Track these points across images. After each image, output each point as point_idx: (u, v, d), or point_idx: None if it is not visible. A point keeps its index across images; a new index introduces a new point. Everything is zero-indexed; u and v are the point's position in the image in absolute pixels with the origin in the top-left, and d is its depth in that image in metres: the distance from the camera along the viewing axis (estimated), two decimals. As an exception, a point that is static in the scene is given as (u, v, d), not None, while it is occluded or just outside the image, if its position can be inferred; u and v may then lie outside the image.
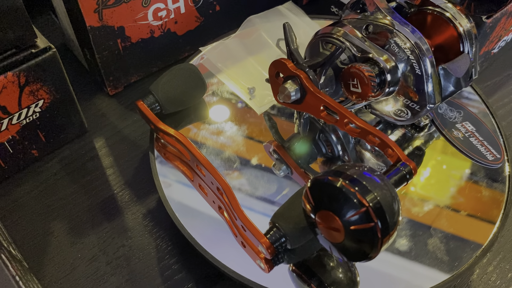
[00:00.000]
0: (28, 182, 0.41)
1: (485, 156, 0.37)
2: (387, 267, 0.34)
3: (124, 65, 0.45)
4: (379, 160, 0.39)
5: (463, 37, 0.35)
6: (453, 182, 0.37)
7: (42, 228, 0.38)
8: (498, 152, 0.37)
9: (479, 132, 0.38)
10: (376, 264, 0.31)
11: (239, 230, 0.32)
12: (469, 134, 0.38)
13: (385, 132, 0.40)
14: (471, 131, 0.38)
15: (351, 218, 0.25)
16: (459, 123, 0.39)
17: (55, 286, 0.35)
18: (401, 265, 0.34)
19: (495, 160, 0.37)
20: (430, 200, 0.36)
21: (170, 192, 0.35)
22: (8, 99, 0.36)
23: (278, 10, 0.46)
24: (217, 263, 0.32)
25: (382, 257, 0.32)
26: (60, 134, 0.42)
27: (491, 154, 0.37)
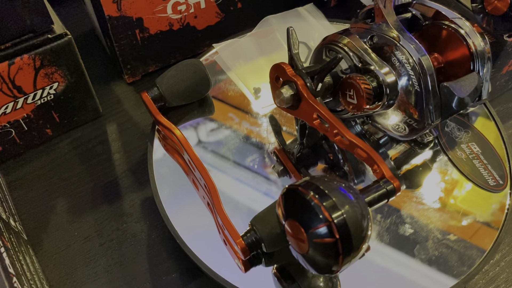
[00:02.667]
0: (40, 159, 0.43)
1: (487, 181, 0.35)
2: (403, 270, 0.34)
3: (142, 55, 0.46)
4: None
5: (474, 56, 0.34)
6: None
7: (46, 204, 0.40)
8: (501, 178, 0.36)
9: (485, 155, 0.37)
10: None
11: (221, 228, 0.33)
12: (473, 156, 0.37)
13: (388, 146, 0.39)
14: (476, 153, 0.37)
15: (314, 230, 0.25)
16: (464, 144, 0.38)
17: (49, 260, 0.37)
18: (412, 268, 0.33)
19: (497, 186, 0.35)
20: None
21: (163, 184, 0.36)
22: (23, 80, 0.38)
23: (297, 11, 0.46)
24: (194, 258, 0.33)
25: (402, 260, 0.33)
26: (74, 116, 0.44)
27: (494, 179, 0.35)
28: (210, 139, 0.40)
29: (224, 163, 0.39)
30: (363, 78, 0.32)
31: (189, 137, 0.39)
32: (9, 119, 0.40)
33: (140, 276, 0.37)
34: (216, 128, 0.40)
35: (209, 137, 0.40)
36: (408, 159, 0.39)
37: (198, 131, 0.40)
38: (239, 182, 0.38)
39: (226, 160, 0.39)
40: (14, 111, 0.39)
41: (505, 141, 0.38)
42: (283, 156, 0.39)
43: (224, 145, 0.39)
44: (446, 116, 0.33)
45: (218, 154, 0.39)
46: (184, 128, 0.40)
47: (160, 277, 0.37)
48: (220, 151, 0.39)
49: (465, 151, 0.37)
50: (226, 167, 0.38)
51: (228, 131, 0.40)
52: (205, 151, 0.39)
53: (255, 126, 0.40)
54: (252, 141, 0.40)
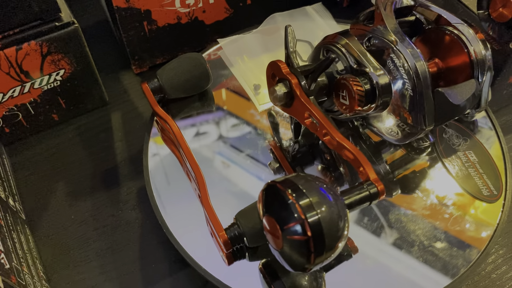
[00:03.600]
0: (45, 143, 0.44)
1: (480, 190, 0.35)
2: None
3: (149, 47, 0.47)
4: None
5: (474, 64, 0.34)
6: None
7: (47, 186, 0.42)
8: (496, 189, 0.35)
9: (481, 164, 0.36)
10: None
11: (208, 220, 0.33)
12: (469, 164, 0.36)
13: (384, 150, 0.39)
14: (472, 161, 0.36)
15: (288, 228, 0.25)
16: (461, 151, 0.37)
17: (45, 240, 0.39)
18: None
19: (490, 196, 0.35)
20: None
21: (156, 174, 0.37)
22: (31, 65, 0.39)
23: (305, 10, 0.46)
24: (179, 248, 0.33)
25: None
26: (80, 103, 0.45)
27: (488, 189, 0.35)
28: (204, 133, 0.40)
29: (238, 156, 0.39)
30: (356, 80, 0.32)
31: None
32: (16, 102, 0.41)
33: (130, 262, 0.38)
34: (215, 122, 0.41)
35: (203, 130, 0.40)
36: (404, 164, 0.38)
37: (195, 124, 0.41)
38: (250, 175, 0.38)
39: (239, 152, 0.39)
40: (21, 95, 0.41)
41: (504, 152, 0.37)
42: (279, 154, 0.40)
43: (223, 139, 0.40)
44: (440, 123, 0.33)
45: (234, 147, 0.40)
46: (183, 121, 0.41)
47: (149, 265, 0.37)
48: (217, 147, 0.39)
49: (461, 159, 0.36)
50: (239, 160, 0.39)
51: (226, 127, 0.40)
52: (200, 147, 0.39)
53: (253, 122, 0.41)
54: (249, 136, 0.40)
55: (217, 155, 0.39)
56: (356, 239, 0.34)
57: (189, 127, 0.41)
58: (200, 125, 0.41)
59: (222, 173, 0.38)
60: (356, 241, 0.34)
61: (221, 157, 0.39)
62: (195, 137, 0.40)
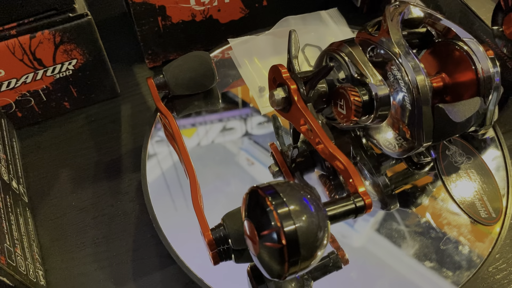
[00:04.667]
0: (55, 129, 0.46)
1: (478, 212, 0.34)
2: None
3: (163, 42, 0.48)
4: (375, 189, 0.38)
5: (480, 81, 0.33)
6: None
7: (52, 172, 0.43)
8: (495, 212, 0.34)
9: (483, 185, 0.35)
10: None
11: (198, 219, 0.33)
12: (469, 184, 0.35)
13: (385, 163, 0.38)
14: (473, 181, 0.35)
15: (265, 234, 0.25)
16: (463, 170, 0.36)
17: (44, 224, 0.40)
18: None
19: (488, 218, 0.34)
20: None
21: (153, 168, 0.38)
22: (44, 53, 0.40)
23: (319, 14, 0.45)
24: (166, 243, 0.34)
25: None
26: (91, 93, 0.46)
27: (486, 211, 0.34)
28: (203, 132, 0.41)
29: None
30: (354, 90, 0.31)
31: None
32: (29, 88, 0.42)
33: (123, 253, 0.38)
34: (216, 121, 0.41)
35: (203, 129, 0.41)
36: (403, 178, 0.38)
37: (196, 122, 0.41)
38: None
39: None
40: (34, 82, 0.42)
41: (508, 174, 0.36)
42: (279, 158, 0.40)
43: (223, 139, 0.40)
44: (439, 139, 0.32)
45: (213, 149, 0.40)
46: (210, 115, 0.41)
47: (141, 258, 0.38)
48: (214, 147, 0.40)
49: (461, 178, 0.35)
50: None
51: (227, 126, 0.41)
52: (198, 145, 0.40)
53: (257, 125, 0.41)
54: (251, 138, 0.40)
55: (242, 151, 0.40)
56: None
57: (216, 121, 0.41)
58: (228, 120, 0.41)
59: (247, 170, 0.38)
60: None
61: (246, 154, 0.40)
62: (221, 132, 0.41)
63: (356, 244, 0.35)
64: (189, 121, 0.41)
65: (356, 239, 0.35)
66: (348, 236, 0.35)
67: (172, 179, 0.38)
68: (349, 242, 0.35)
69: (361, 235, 0.35)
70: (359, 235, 0.35)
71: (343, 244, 0.34)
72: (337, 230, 0.35)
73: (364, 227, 0.36)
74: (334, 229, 0.35)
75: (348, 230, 0.36)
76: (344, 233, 0.35)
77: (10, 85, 0.41)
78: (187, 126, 0.41)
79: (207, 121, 0.41)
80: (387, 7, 0.34)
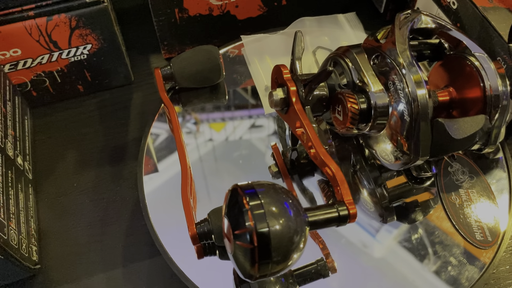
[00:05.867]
0: (67, 111, 0.47)
1: (474, 233, 0.33)
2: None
3: (179, 34, 0.48)
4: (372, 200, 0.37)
5: (488, 99, 0.31)
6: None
7: (59, 152, 0.44)
8: (492, 235, 0.33)
9: (482, 206, 0.34)
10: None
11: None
12: (468, 204, 0.34)
13: (386, 174, 0.37)
14: (473, 201, 0.34)
15: (238, 233, 0.25)
16: (464, 189, 0.35)
17: (45, 202, 0.41)
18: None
19: (483, 242, 0.32)
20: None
21: (150, 157, 0.38)
22: (59, 36, 0.41)
23: (335, 18, 0.45)
24: (152, 233, 0.34)
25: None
26: (105, 79, 0.47)
27: (482, 234, 0.33)
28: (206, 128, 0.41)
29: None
30: (353, 97, 0.31)
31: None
32: (44, 69, 0.44)
33: (116, 238, 0.39)
34: (219, 118, 0.41)
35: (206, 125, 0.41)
36: (403, 192, 0.37)
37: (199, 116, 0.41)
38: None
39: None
40: (49, 63, 0.43)
41: (511, 198, 0.34)
42: (280, 159, 0.39)
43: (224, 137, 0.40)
44: (436, 155, 0.31)
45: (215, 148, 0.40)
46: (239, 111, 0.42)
47: (132, 244, 0.38)
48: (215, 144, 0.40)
49: (461, 197, 0.34)
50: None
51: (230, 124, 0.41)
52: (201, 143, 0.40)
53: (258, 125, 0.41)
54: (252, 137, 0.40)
55: (269, 149, 0.40)
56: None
57: (246, 118, 0.41)
58: (257, 117, 0.41)
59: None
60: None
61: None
62: (250, 129, 0.41)
63: (377, 255, 0.35)
64: (219, 115, 0.41)
65: (377, 249, 0.35)
66: (369, 246, 0.35)
67: (170, 171, 0.38)
68: (370, 252, 0.35)
69: (382, 246, 0.35)
70: (381, 245, 0.35)
71: (363, 254, 0.34)
72: (358, 239, 0.35)
73: (386, 238, 0.35)
74: (355, 237, 0.35)
75: (369, 240, 0.35)
76: (365, 243, 0.35)
77: (26, 65, 0.42)
78: (217, 120, 0.41)
79: (236, 117, 0.41)
80: (398, 15, 0.33)
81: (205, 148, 0.39)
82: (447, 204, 0.34)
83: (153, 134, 0.40)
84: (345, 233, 0.35)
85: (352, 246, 0.34)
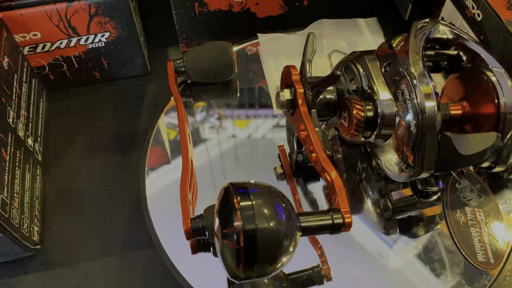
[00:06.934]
0: (83, 97, 0.47)
1: (476, 254, 0.31)
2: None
3: (198, 28, 0.48)
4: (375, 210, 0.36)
5: (501, 117, 0.30)
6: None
7: (71, 136, 0.45)
8: (495, 257, 0.31)
9: (488, 226, 0.33)
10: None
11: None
12: (473, 223, 0.33)
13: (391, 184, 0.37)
14: (478, 220, 0.33)
15: (226, 232, 0.25)
16: (470, 207, 0.34)
17: (52, 184, 0.42)
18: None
19: (485, 263, 0.31)
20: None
21: (155, 150, 0.38)
22: (78, 22, 0.42)
23: (356, 22, 0.44)
24: (149, 225, 0.34)
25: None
26: (122, 68, 0.47)
27: (484, 255, 0.31)
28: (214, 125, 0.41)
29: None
30: (359, 104, 0.30)
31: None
32: (62, 54, 0.44)
33: (117, 226, 0.39)
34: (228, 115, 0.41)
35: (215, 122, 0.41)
36: (407, 205, 0.36)
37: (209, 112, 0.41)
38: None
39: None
40: (67, 48, 0.44)
41: (520, 220, 0.33)
42: (286, 161, 0.39)
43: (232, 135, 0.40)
44: (441, 169, 0.30)
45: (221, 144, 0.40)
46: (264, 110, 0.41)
47: (132, 233, 0.39)
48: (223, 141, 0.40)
49: (466, 215, 0.33)
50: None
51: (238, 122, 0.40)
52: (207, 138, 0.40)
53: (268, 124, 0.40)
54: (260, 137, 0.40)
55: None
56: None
57: (270, 117, 0.41)
58: (282, 117, 0.41)
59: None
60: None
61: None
62: (273, 128, 0.41)
63: (393, 266, 0.34)
64: (243, 112, 0.41)
65: (393, 260, 0.34)
66: (385, 256, 0.34)
67: (177, 165, 0.38)
68: (386, 262, 0.34)
69: (398, 257, 0.34)
70: (397, 257, 0.34)
71: (378, 264, 0.34)
72: (373, 248, 0.34)
73: (403, 249, 0.35)
74: (370, 246, 0.34)
75: (386, 250, 0.35)
76: (381, 253, 0.34)
77: (45, 48, 0.43)
78: (241, 117, 0.41)
79: (261, 115, 0.41)
80: (415, 23, 0.32)
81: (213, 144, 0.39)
82: (451, 221, 0.33)
83: (170, 125, 0.40)
84: (362, 241, 0.35)
85: (367, 254, 0.34)
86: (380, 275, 0.33)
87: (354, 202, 0.37)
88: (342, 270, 0.34)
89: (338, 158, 0.38)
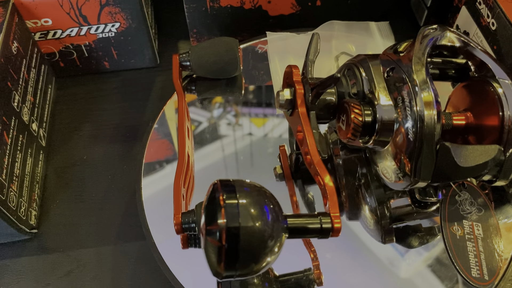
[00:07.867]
0: (91, 85, 0.48)
1: (470, 269, 0.31)
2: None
3: (209, 24, 0.48)
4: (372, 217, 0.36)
5: (505, 130, 0.29)
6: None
7: (76, 124, 0.45)
8: (489, 274, 0.30)
9: (485, 242, 0.32)
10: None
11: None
12: (469, 237, 0.32)
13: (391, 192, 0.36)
14: (475, 235, 0.32)
15: (209, 229, 0.24)
16: (469, 221, 0.33)
17: (53, 170, 0.42)
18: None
19: (479, 279, 0.30)
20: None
21: (154, 142, 0.38)
22: (89, 11, 0.42)
23: (367, 25, 0.43)
24: (142, 219, 0.34)
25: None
26: (131, 58, 0.48)
27: (479, 271, 0.30)
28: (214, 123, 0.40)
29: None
30: (358, 108, 0.30)
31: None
32: (73, 42, 0.45)
33: (114, 215, 0.39)
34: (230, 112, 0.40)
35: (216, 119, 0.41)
36: (405, 214, 0.35)
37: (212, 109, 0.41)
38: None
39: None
40: (78, 36, 0.44)
41: (520, 238, 0.32)
42: (285, 162, 0.38)
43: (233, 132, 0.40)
44: (438, 180, 0.29)
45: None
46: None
47: (128, 223, 0.39)
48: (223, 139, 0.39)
49: (463, 229, 0.32)
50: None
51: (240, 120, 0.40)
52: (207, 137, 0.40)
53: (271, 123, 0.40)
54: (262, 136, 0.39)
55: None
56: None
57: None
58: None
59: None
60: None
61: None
62: (277, 128, 0.41)
63: (403, 275, 0.34)
64: (260, 111, 0.41)
65: (404, 270, 0.34)
66: (396, 265, 0.34)
67: (172, 156, 0.38)
68: (396, 271, 0.34)
69: (410, 267, 0.34)
70: (408, 266, 0.34)
71: (388, 272, 0.33)
72: (385, 255, 0.34)
73: (415, 259, 0.34)
74: (382, 254, 0.34)
75: (397, 259, 0.34)
76: (392, 261, 0.34)
77: (56, 35, 0.44)
78: (259, 115, 0.41)
79: (278, 115, 0.41)
80: (422, 29, 0.32)
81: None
82: (447, 234, 0.32)
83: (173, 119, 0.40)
84: (373, 247, 0.34)
85: (378, 261, 0.34)
86: (390, 283, 0.32)
87: (352, 207, 0.37)
88: (349, 276, 0.33)
89: (338, 162, 0.37)
